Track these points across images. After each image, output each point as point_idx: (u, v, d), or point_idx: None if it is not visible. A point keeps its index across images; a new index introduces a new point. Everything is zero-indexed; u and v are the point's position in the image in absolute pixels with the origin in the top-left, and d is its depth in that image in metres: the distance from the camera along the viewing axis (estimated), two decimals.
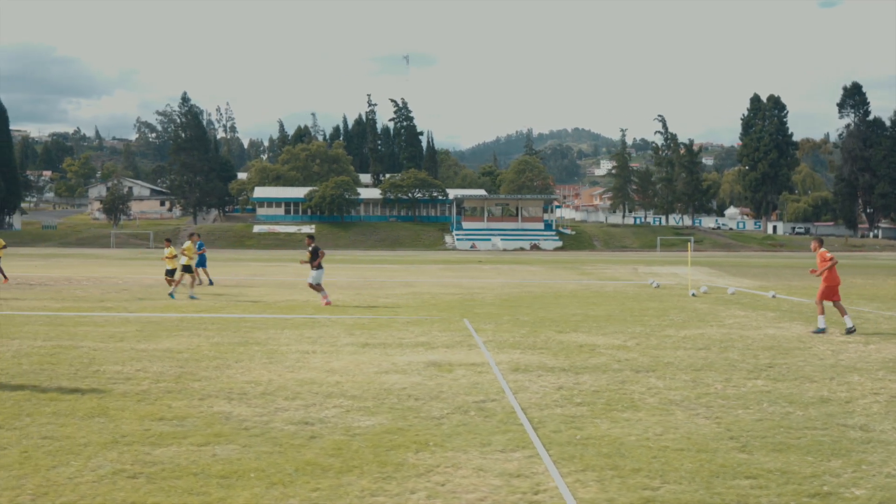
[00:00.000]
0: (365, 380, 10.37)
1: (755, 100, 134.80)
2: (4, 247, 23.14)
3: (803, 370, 11.44)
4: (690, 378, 10.72)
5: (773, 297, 25.49)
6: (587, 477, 6.37)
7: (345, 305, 21.39)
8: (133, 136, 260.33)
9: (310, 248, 21.99)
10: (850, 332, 15.70)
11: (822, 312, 16.16)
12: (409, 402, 9.02)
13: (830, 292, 16.12)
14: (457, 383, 10.19)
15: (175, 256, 24.39)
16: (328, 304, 21.25)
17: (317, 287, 21.90)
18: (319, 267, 21.88)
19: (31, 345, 13.29)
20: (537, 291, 27.08)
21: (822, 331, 15.85)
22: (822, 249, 16.52)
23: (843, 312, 16.08)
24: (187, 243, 24.41)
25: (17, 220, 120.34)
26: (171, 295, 22.97)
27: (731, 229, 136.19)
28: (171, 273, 24.21)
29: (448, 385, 10.05)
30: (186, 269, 23.87)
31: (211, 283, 29.10)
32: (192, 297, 22.84)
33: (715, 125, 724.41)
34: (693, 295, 25.61)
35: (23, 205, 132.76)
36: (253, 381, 10.24)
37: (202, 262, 29.19)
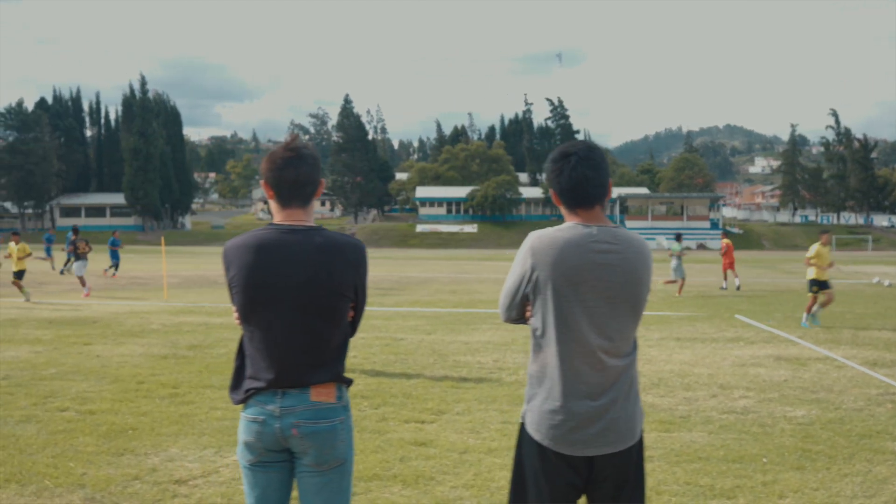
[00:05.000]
0: (736, 372, 10.46)
1: None
2: (29, 254, 21.99)
3: None
4: None
5: None
6: None
7: None
8: (287, 139, 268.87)
9: (74, 241, 25.29)
10: (737, 288, 26.07)
11: (726, 278, 26.51)
12: (807, 395, 9.05)
13: (729, 265, 26.51)
14: (830, 377, 10.16)
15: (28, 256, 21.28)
16: (87, 295, 22.30)
17: (81, 279, 23.49)
18: (83, 258, 24.31)
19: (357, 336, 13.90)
20: (769, 289, 26.55)
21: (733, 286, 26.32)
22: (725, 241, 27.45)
23: (734, 275, 26.68)
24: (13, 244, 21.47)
25: (187, 221, 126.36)
26: None
27: None
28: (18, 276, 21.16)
29: (826, 379, 10.03)
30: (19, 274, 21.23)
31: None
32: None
33: (873, 119, 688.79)
34: None
35: (191, 205, 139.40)
36: None
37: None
